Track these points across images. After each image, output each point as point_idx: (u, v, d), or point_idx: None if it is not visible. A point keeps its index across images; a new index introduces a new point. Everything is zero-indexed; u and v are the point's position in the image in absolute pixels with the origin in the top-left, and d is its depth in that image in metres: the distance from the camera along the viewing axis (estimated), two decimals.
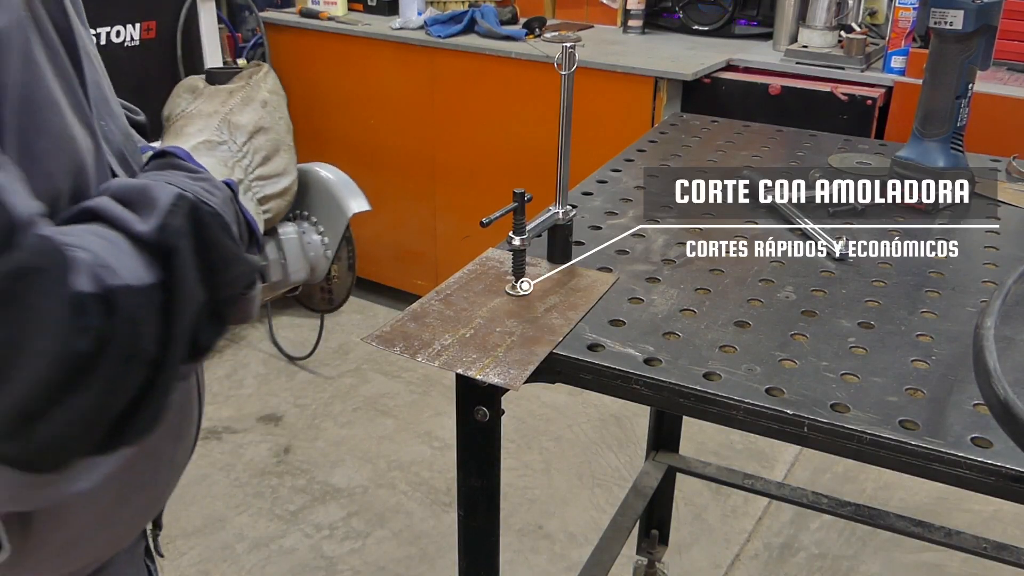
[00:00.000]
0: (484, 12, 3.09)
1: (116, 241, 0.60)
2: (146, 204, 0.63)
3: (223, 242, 0.68)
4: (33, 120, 0.60)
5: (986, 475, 0.80)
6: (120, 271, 0.58)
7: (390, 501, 2.61)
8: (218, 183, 0.70)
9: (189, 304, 0.63)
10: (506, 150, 3.11)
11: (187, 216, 0.64)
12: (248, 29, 3.55)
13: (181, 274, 0.63)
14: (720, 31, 3.10)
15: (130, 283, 0.58)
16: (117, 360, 0.56)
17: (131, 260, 0.60)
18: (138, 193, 0.64)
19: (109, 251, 0.58)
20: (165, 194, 0.64)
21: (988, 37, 1.31)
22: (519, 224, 1.04)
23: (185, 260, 0.63)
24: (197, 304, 0.64)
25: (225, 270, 0.67)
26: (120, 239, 0.60)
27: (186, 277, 0.63)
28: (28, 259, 0.52)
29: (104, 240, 0.59)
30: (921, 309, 1.07)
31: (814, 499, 1.86)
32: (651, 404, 1.38)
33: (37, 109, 0.60)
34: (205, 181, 0.69)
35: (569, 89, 1.04)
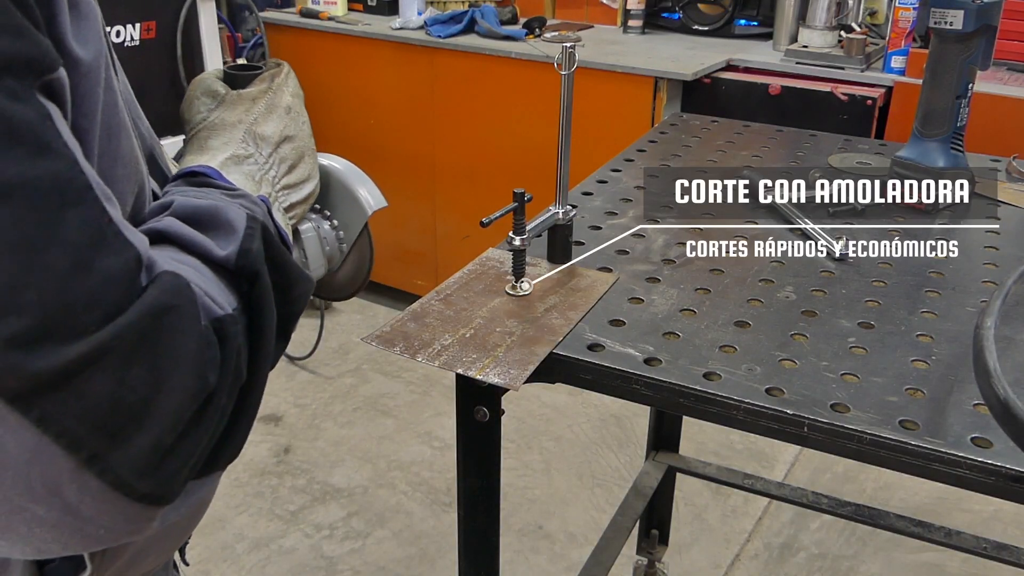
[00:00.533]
0: (484, 12, 3.09)
1: (200, 268, 0.60)
2: (220, 227, 0.63)
3: (289, 261, 0.68)
4: (111, 147, 0.59)
5: (986, 475, 0.80)
6: (219, 299, 0.58)
7: (390, 501, 2.61)
8: (254, 199, 0.70)
9: (269, 326, 0.63)
10: (506, 150, 3.11)
11: (260, 238, 0.64)
12: (248, 29, 3.55)
13: (263, 298, 0.63)
14: (720, 31, 3.10)
15: (230, 311, 0.58)
16: (228, 388, 0.57)
17: (216, 288, 0.60)
18: (209, 215, 0.64)
19: (203, 280, 0.59)
20: (238, 216, 0.64)
21: (988, 37, 1.31)
22: (519, 224, 1.04)
23: (266, 283, 0.63)
24: (274, 327, 0.64)
25: (292, 288, 0.68)
26: (202, 265, 0.61)
27: (267, 301, 0.63)
28: (165, 298, 0.53)
29: (192, 268, 0.59)
30: (921, 309, 1.07)
31: (814, 499, 1.86)
32: (651, 404, 1.38)
33: (115, 136, 0.60)
34: (242, 198, 0.68)
35: (569, 89, 1.04)
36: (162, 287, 0.53)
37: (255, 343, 0.62)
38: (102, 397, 0.50)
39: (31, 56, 0.49)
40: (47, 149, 0.48)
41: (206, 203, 0.65)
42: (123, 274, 0.51)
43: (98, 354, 0.49)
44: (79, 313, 0.49)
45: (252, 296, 0.62)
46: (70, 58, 0.54)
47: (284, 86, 0.80)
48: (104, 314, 0.50)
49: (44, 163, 0.48)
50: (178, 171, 0.73)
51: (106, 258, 0.50)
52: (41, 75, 0.50)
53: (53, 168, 0.48)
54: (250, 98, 0.78)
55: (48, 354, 0.47)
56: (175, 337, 0.53)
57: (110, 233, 0.51)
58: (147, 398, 0.51)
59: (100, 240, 0.50)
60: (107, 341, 0.49)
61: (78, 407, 0.49)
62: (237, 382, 0.59)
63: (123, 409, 0.51)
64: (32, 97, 0.48)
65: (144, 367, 0.51)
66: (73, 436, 0.49)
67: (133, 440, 0.51)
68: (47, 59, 0.50)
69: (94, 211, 0.51)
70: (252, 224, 0.64)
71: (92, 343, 0.49)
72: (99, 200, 0.51)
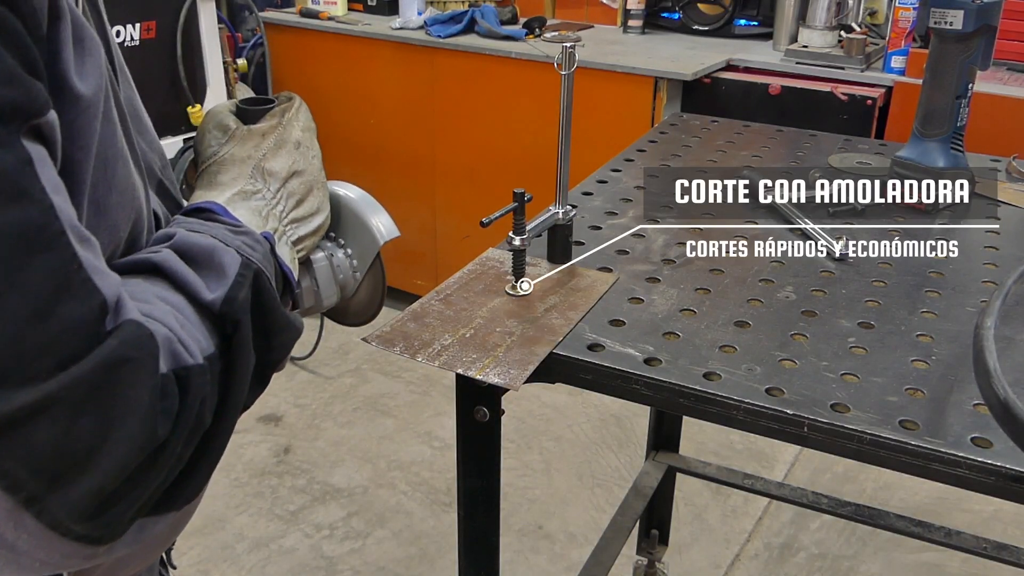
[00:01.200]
0: (484, 12, 3.09)
1: (183, 308, 0.61)
2: (213, 269, 0.64)
3: (277, 310, 0.68)
4: (105, 175, 0.60)
5: (986, 475, 0.80)
6: (190, 346, 0.59)
7: (390, 501, 2.61)
8: (258, 237, 0.70)
9: (244, 374, 0.64)
10: (506, 150, 3.11)
11: (251, 286, 0.65)
12: (248, 29, 3.55)
13: (241, 346, 0.63)
14: (720, 31, 3.10)
15: (199, 361, 0.59)
16: (185, 437, 0.58)
17: (197, 329, 0.60)
18: (205, 255, 0.65)
19: (180, 323, 0.59)
20: (232, 262, 0.65)
21: (988, 37, 1.31)
22: (519, 224, 1.04)
23: (246, 333, 0.64)
24: (249, 373, 0.65)
25: (276, 336, 0.68)
26: (186, 305, 0.61)
27: (245, 348, 0.64)
28: (122, 350, 0.53)
29: (174, 309, 0.60)
30: (921, 309, 1.08)
31: (814, 499, 1.86)
32: (651, 404, 1.38)
33: (110, 164, 0.60)
34: (246, 235, 0.69)
35: (569, 89, 1.04)
36: (122, 338, 0.53)
37: (227, 389, 0.62)
38: (46, 444, 0.50)
39: (18, 102, 0.50)
40: (22, 195, 0.49)
41: (205, 242, 0.66)
42: (84, 322, 0.52)
43: (46, 404, 0.50)
44: (31, 360, 0.49)
45: (232, 342, 0.63)
46: (71, 94, 0.55)
47: (295, 121, 0.80)
48: (58, 362, 0.50)
49: (16, 210, 0.49)
50: (187, 206, 0.73)
51: (69, 305, 0.51)
52: (28, 120, 0.50)
53: (25, 215, 0.49)
54: (260, 133, 0.78)
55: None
56: (127, 390, 0.53)
57: (77, 280, 0.52)
58: (92, 447, 0.52)
59: (65, 288, 0.51)
60: (56, 392, 0.50)
61: (20, 452, 0.50)
62: (198, 430, 0.59)
63: (66, 456, 0.51)
64: (14, 143, 0.49)
65: (92, 417, 0.52)
66: (13, 478, 0.50)
67: (74, 485, 0.52)
68: (35, 104, 0.51)
69: (63, 257, 0.51)
70: (244, 272, 0.65)
71: (41, 392, 0.49)
72: (71, 245, 0.52)
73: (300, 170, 0.79)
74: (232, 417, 0.64)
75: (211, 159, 0.77)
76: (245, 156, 0.77)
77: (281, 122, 0.79)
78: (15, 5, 0.50)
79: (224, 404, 0.62)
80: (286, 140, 0.79)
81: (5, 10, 0.50)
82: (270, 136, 0.78)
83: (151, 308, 0.58)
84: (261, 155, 0.77)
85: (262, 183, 0.76)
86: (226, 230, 0.69)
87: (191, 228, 0.68)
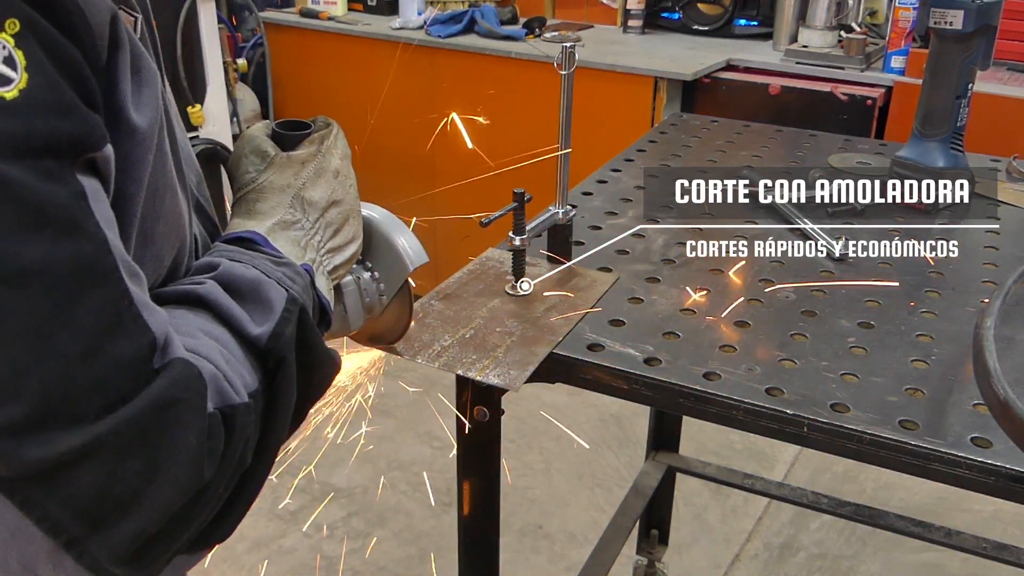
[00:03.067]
0: (484, 12, 3.09)
1: (228, 343, 0.60)
2: (259, 303, 0.64)
3: (319, 345, 0.68)
4: (154, 206, 0.59)
5: (986, 475, 0.80)
6: (236, 384, 0.58)
7: (390, 501, 2.61)
8: (298, 269, 0.70)
9: (286, 412, 0.63)
10: (506, 150, 3.11)
11: (296, 322, 0.64)
12: (248, 29, 3.55)
13: (285, 383, 0.63)
14: (720, 31, 3.10)
15: (244, 399, 0.58)
16: (227, 477, 0.57)
17: (242, 365, 0.60)
18: (250, 288, 0.64)
19: (226, 359, 0.59)
20: (278, 296, 0.64)
21: (988, 37, 1.31)
22: (519, 224, 1.04)
23: (291, 370, 0.63)
24: (291, 410, 0.64)
25: (316, 371, 0.68)
26: (231, 340, 0.61)
27: (289, 386, 0.63)
28: (171, 390, 0.52)
29: (219, 344, 0.59)
30: (921, 309, 1.07)
31: (814, 499, 1.86)
32: (651, 404, 1.38)
33: (160, 195, 0.60)
34: (287, 267, 0.68)
35: (569, 89, 1.04)
36: (171, 378, 0.53)
37: (268, 426, 0.61)
38: (90, 488, 0.49)
39: (75, 136, 0.49)
40: (76, 230, 0.49)
41: (250, 275, 0.65)
42: (134, 360, 0.51)
43: (93, 447, 0.49)
44: (81, 400, 0.49)
45: (275, 379, 0.62)
46: (127, 126, 0.54)
47: (333, 148, 0.78)
48: (107, 402, 0.49)
49: (70, 245, 0.48)
50: (226, 234, 0.72)
51: (119, 343, 0.50)
52: (83, 153, 0.50)
53: (79, 250, 0.49)
54: (299, 161, 0.76)
55: (41, 443, 0.47)
56: (175, 431, 0.52)
57: (128, 317, 0.51)
58: (137, 490, 0.51)
59: (116, 324, 0.50)
60: (104, 435, 0.49)
61: (63, 495, 0.49)
62: (239, 470, 0.58)
63: (110, 499, 0.50)
64: (68, 176, 0.49)
65: (138, 460, 0.51)
66: (55, 521, 0.49)
67: (116, 529, 0.51)
68: (92, 137, 0.50)
69: (115, 293, 0.51)
70: (291, 307, 0.64)
71: (88, 435, 0.49)
72: (122, 281, 0.51)
73: (338, 199, 0.77)
74: (271, 456, 0.63)
75: (249, 186, 0.75)
76: (284, 185, 0.75)
77: (320, 150, 0.77)
78: (76, 36, 0.50)
79: (264, 442, 0.61)
80: (325, 169, 0.77)
81: (66, 41, 0.49)
82: (309, 164, 0.76)
83: (196, 343, 0.58)
84: (300, 184, 0.75)
85: (301, 213, 0.75)
86: (268, 261, 0.68)
87: (234, 258, 0.67)
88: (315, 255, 0.75)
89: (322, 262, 0.76)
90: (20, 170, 0.46)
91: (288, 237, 0.73)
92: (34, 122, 0.47)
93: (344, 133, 0.81)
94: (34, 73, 0.47)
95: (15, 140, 0.47)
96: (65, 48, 0.49)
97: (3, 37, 0.47)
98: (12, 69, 0.47)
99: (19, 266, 0.47)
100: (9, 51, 0.47)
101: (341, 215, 0.77)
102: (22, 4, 0.47)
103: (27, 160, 0.47)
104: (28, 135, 0.47)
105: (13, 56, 0.47)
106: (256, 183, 0.75)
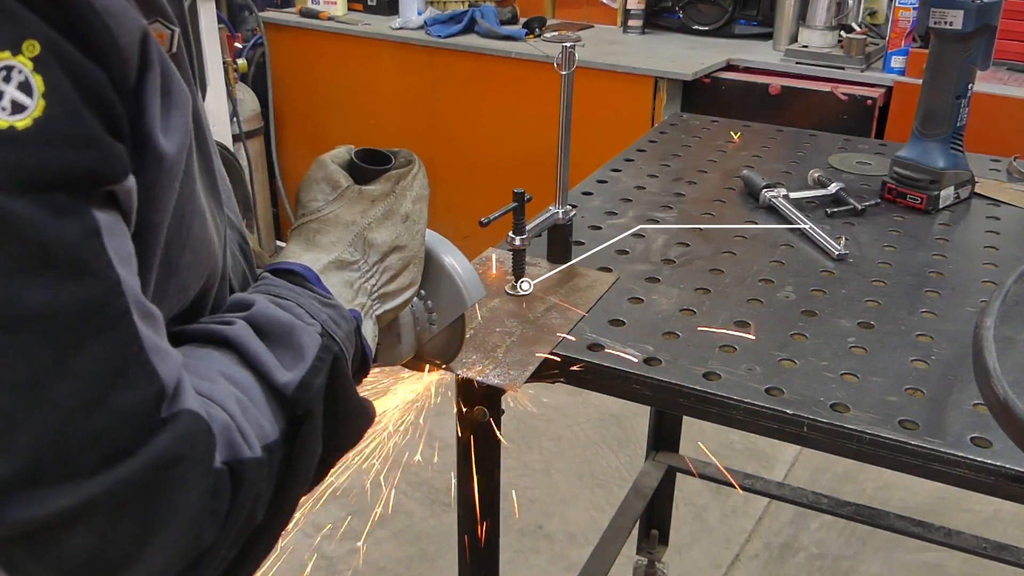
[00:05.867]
0: (484, 12, 3.09)
1: (249, 388, 0.57)
2: (290, 348, 0.60)
3: (352, 396, 0.65)
4: (180, 235, 0.56)
5: (986, 475, 0.80)
6: (249, 436, 0.55)
7: (390, 501, 2.60)
8: (345, 313, 0.66)
9: (308, 466, 0.60)
10: (506, 150, 3.11)
11: (328, 372, 0.61)
12: (248, 29, 3.55)
13: (309, 437, 0.60)
14: (720, 31, 3.10)
15: (257, 454, 0.55)
16: (232, 536, 0.54)
17: (262, 413, 0.57)
18: (282, 332, 0.61)
19: (243, 407, 0.56)
20: (311, 343, 0.61)
21: (988, 37, 1.31)
22: (519, 224, 1.04)
23: (316, 424, 0.60)
24: (314, 464, 0.61)
25: (346, 423, 0.65)
26: (254, 384, 0.58)
27: (313, 440, 0.60)
28: (175, 447, 0.49)
29: (238, 389, 0.57)
30: (921, 309, 1.07)
31: (814, 499, 1.86)
32: (651, 404, 1.38)
33: (187, 222, 0.57)
34: (333, 309, 0.65)
35: (569, 89, 1.04)
36: (177, 433, 0.49)
37: (286, 480, 0.58)
38: (80, 551, 0.46)
39: (93, 168, 0.46)
40: (84, 271, 0.46)
41: (284, 318, 0.62)
42: (138, 411, 0.48)
43: (86, 508, 0.46)
44: (76, 455, 0.45)
45: (300, 431, 0.59)
46: (154, 153, 0.51)
47: (408, 190, 0.74)
48: (104, 457, 0.46)
49: (77, 287, 0.45)
50: (279, 263, 0.69)
51: (122, 394, 0.47)
52: (102, 186, 0.47)
53: (86, 293, 0.46)
54: (370, 198, 0.73)
55: (30, 503, 0.44)
56: (176, 491, 0.49)
57: (136, 364, 0.48)
58: (130, 554, 0.48)
59: (121, 373, 0.47)
60: (98, 495, 0.46)
61: (51, 558, 0.46)
62: (247, 528, 0.55)
63: (100, 563, 0.47)
64: (81, 211, 0.46)
65: (134, 522, 0.47)
66: None
67: None
68: (113, 170, 0.47)
69: (123, 338, 0.47)
70: (323, 355, 0.61)
71: (82, 494, 0.45)
72: (133, 324, 0.48)
73: (402, 245, 0.74)
74: (288, 511, 0.59)
75: (313, 215, 0.72)
76: (350, 221, 0.72)
77: (394, 189, 0.74)
78: (103, 58, 0.47)
79: (280, 497, 0.58)
80: (395, 211, 0.73)
81: (91, 64, 0.46)
82: (380, 204, 0.73)
83: (212, 388, 0.55)
84: (366, 223, 0.72)
85: (361, 254, 0.71)
86: (316, 301, 0.65)
87: (276, 294, 0.64)
88: (366, 299, 0.72)
89: (372, 307, 0.72)
90: (26, 205, 0.43)
91: (342, 278, 0.70)
92: (47, 154, 0.44)
93: (426, 171, 0.77)
94: (52, 101, 0.44)
95: (24, 173, 0.43)
96: (90, 72, 0.46)
97: (20, 60, 0.43)
98: (28, 96, 0.43)
99: (18, 311, 0.43)
100: (26, 76, 0.43)
101: (401, 261, 0.74)
102: (44, 25, 0.44)
103: (35, 194, 0.44)
104: (39, 168, 0.44)
105: (30, 82, 0.44)
106: (321, 213, 0.72)
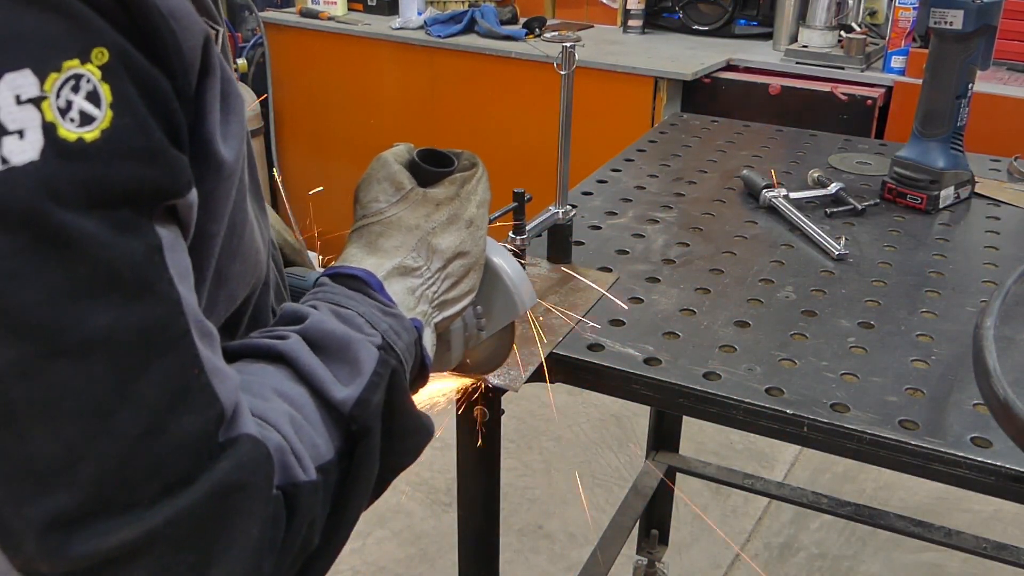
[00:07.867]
0: (484, 12, 3.09)
1: (304, 405, 0.55)
2: (346, 363, 0.58)
3: (410, 412, 0.63)
4: (231, 244, 0.55)
5: (986, 475, 0.80)
6: (304, 458, 0.53)
7: (390, 501, 2.60)
8: (406, 323, 0.64)
9: (365, 486, 0.58)
10: (506, 150, 3.11)
11: (386, 388, 0.59)
12: (248, 29, 3.55)
13: (366, 456, 0.58)
14: (720, 31, 3.10)
15: (312, 477, 0.53)
16: (287, 564, 0.52)
17: (317, 432, 0.55)
18: (339, 347, 0.59)
19: (296, 427, 0.54)
20: (368, 357, 0.59)
21: (988, 37, 1.31)
22: (519, 224, 1.04)
23: (374, 442, 0.58)
24: (371, 483, 0.59)
25: (404, 439, 0.63)
26: (309, 401, 0.56)
27: (370, 459, 0.58)
28: (236, 474, 0.47)
29: (292, 407, 0.55)
30: (921, 309, 1.07)
31: (814, 499, 1.86)
32: (651, 404, 1.38)
33: (238, 231, 0.56)
34: (394, 319, 0.63)
35: (569, 89, 1.04)
36: (237, 460, 0.47)
37: (342, 500, 0.56)
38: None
39: (158, 183, 0.44)
40: (148, 291, 0.44)
41: (340, 331, 0.59)
42: (199, 437, 0.46)
43: (148, 540, 0.43)
44: (138, 486, 0.43)
45: (356, 450, 0.57)
46: (214, 161, 0.50)
47: (473, 195, 0.72)
48: (165, 485, 0.44)
49: (140, 308, 0.43)
50: (340, 267, 0.67)
51: (184, 419, 0.45)
52: (165, 200, 0.45)
53: (149, 314, 0.44)
54: (434, 202, 0.71)
55: (90, 537, 0.42)
56: (237, 521, 0.47)
57: (196, 387, 0.46)
58: None
59: (183, 397, 0.45)
60: (160, 526, 0.44)
61: None
62: (302, 554, 0.53)
63: None
64: (145, 228, 0.44)
65: (194, 553, 0.46)
66: None
67: None
68: (176, 184, 0.45)
69: (184, 361, 0.46)
70: (381, 370, 0.59)
71: (143, 527, 0.43)
72: (194, 346, 0.46)
73: (465, 251, 0.71)
74: (344, 533, 0.57)
75: (376, 217, 0.70)
76: (414, 225, 0.70)
77: (459, 193, 0.72)
78: (168, 64, 0.45)
79: (336, 519, 0.56)
80: (459, 216, 0.71)
81: (157, 71, 0.44)
82: (444, 208, 0.71)
83: (266, 408, 0.53)
84: (431, 228, 0.70)
85: (424, 260, 0.69)
86: (377, 310, 0.63)
87: (336, 302, 0.62)
88: (427, 307, 0.69)
89: (432, 314, 0.70)
90: (94, 223, 0.41)
91: (404, 285, 0.68)
92: (114, 168, 0.42)
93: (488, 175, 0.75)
94: (120, 112, 0.42)
95: (92, 188, 0.41)
96: (156, 80, 0.44)
97: (88, 69, 0.41)
98: (96, 106, 0.41)
99: (83, 335, 0.41)
100: (95, 85, 0.41)
101: (464, 267, 0.72)
102: (113, 31, 0.42)
103: (102, 211, 0.42)
104: (107, 183, 0.42)
105: (99, 91, 0.41)
106: (384, 216, 0.70)
